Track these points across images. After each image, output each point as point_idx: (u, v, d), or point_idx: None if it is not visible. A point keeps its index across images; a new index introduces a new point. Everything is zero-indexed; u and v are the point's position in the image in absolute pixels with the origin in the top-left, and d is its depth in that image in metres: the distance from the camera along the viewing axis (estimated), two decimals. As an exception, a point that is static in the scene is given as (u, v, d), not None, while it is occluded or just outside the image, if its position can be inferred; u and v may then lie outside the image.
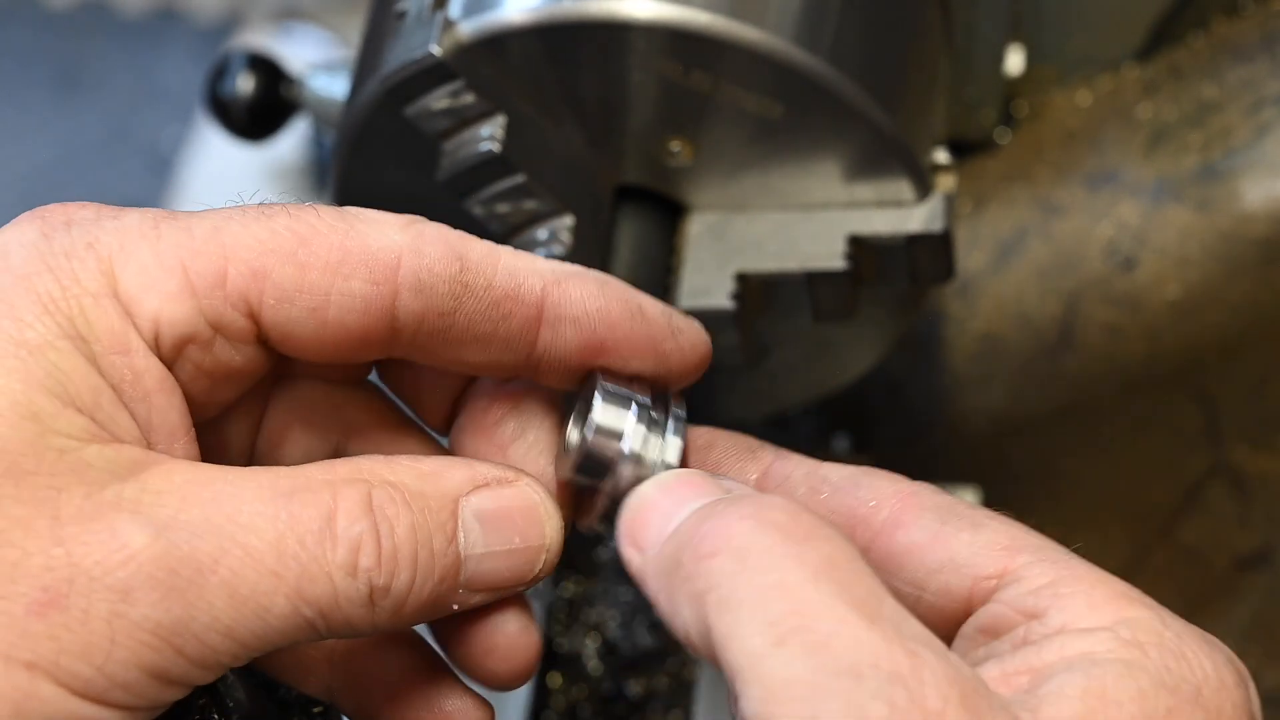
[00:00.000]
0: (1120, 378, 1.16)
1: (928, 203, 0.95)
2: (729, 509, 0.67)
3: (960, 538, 0.72)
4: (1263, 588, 1.23)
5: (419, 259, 0.74)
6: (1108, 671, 0.65)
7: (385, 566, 0.71)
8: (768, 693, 0.63)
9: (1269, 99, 1.13)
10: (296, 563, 0.69)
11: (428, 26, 0.92)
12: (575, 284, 0.75)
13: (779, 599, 0.64)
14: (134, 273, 0.71)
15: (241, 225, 0.73)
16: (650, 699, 1.12)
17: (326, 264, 0.73)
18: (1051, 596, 0.69)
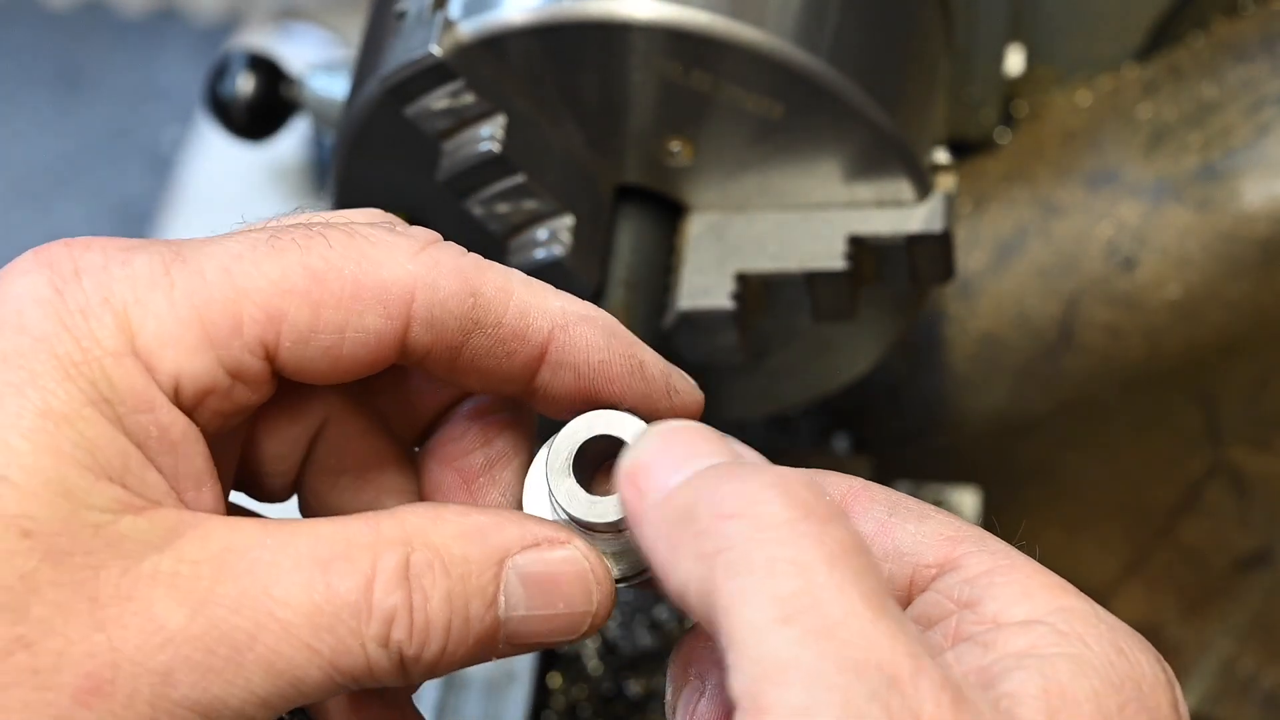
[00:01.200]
0: (1120, 378, 1.16)
1: (928, 203, 0.95)
2: (755, 474, 0.66)
3: (905, 528, 0.71)
4: (1263, 588, 1.23)
5: (433, 294, 0.73)
6: (1060, 669, 0.65)
7: (417, 639, 0.70)
8: (763, 672, 0.62)
9: (1269, 99, 1.13)
10: (332, 636, 0.69)
11: (428, 26, 0.92)
12: (582, 332, 0.75)
13: (792, 575, 0.63)
14: (152, 328, 0.70)
15: (253, 264, 0.71)
16: (650, 699, 1.12)
17: (340, 301, 0.72)
18: (986, 585, 0.68)
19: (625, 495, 0.68)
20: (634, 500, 0.68)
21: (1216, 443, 1.19)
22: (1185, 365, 1.15)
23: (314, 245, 0.72)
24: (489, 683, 1.08)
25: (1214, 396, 1.17)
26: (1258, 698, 1.24)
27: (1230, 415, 1.18)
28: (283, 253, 0.72)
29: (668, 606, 1.13)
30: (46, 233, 2.68)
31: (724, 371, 1.03)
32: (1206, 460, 1.20)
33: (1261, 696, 1.25)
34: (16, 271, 0.70)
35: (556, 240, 0.94)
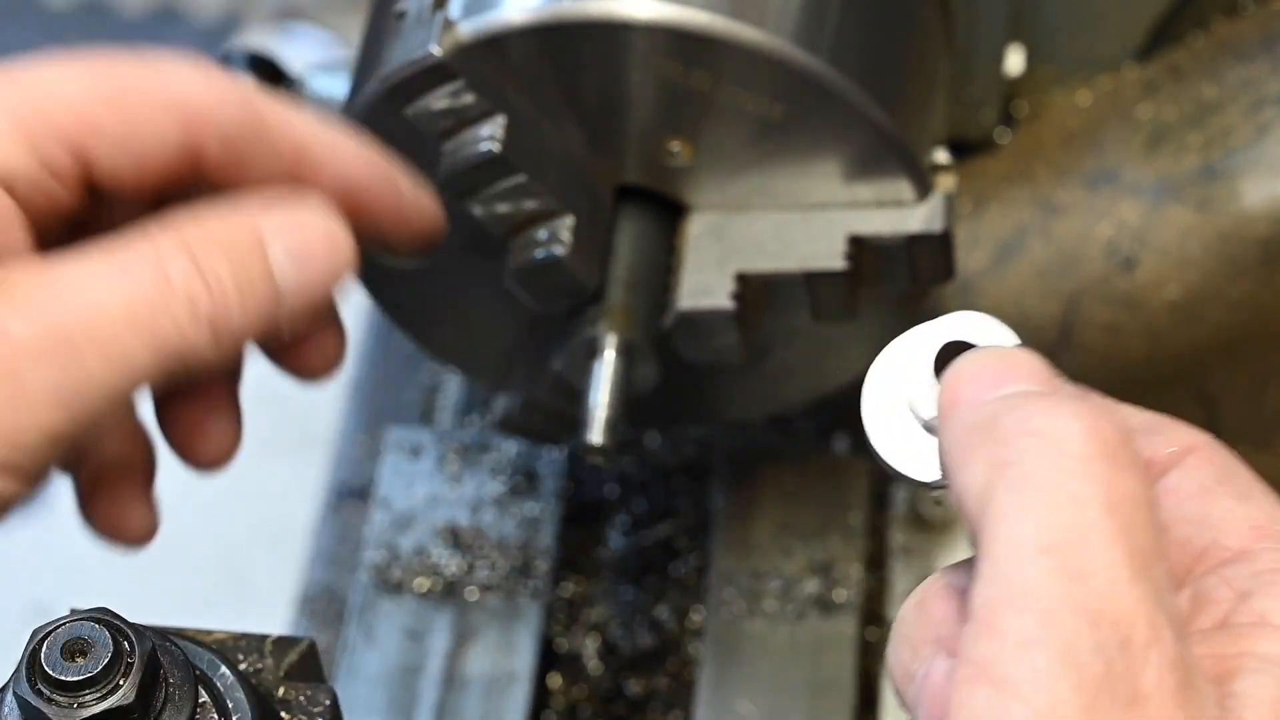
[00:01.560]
0: (1120, 378, 1.16)
1: (928, 203, 0.95)
2: (1070, 402, 0.65)
3: (1223, 502, 0.70)
4: (1263, 588, 1.22)
5: (223, 111, 0.84)
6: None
7: (220, 304, 0.81)
8: (1007, 593, 0.62)
9: (1269, 99, 1.13)
10: (148, 317, 0.80)
11: (428, 26, 0.92)
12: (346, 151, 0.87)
13: (1068, 509, 0.62)
14: None
15: (68, 75, 0.82)
16: (650, 699, 1.12)
17: (142, 109, 0.83)
18: (1268, 582, 0.67)
19: (942, 399, 0.68)
20: (948, 404, 0.68)
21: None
22: (1185, 365, 1.15)
23: (119, 66, 0.84)
24: (489, 683, 1.08)
25: (1214, 396, 1.17)
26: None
27: (1230, 415, 1.18)
28: (92, 65, 0.83)
29: (668, 607, 1.13)
30: (46, 233, 2.67)
31: (724, 371, 1.03)
32: (1206, 460, 1.20)
33: (1261, 696, 1.25)
34: None
35: (556, 240, 0.94)
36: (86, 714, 0.73)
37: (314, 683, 0.82)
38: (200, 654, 0.79)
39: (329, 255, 0.84)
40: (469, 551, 1.13)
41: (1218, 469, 0.71)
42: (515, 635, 1.10)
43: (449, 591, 1.12)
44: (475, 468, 1.16)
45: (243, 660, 0.81)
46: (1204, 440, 0.73)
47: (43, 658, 0.74)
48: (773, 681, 1.07)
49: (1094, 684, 0.60)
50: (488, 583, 1.12)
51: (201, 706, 0.76)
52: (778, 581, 1.10)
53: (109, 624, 0.74)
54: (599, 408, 0.96)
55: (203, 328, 0.81)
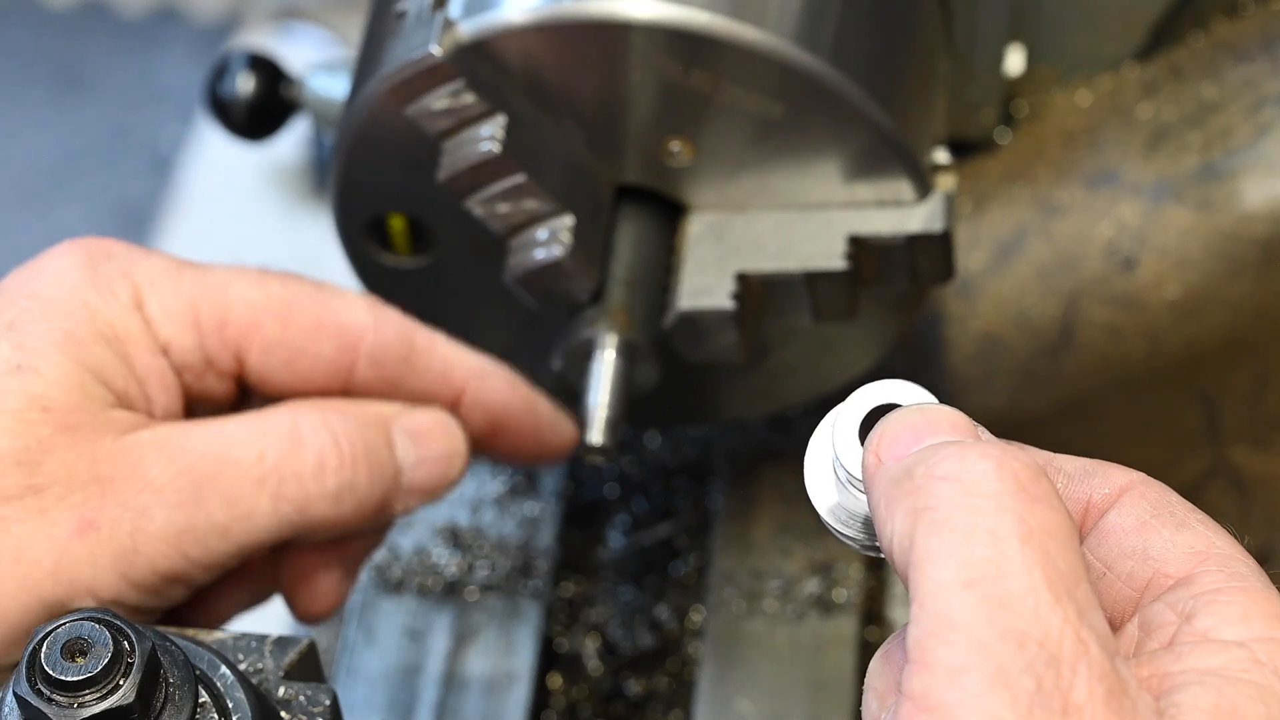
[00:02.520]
0: (1120, 378, 1.16)
1: (928, 203, 0.96)
2: (977, 446, 0.69)
3: (1161, 533, 0.72)
4: (1263, 588, 1.22)
5: (378, 337, 0.93)
6: (1239, 692, 0.66)
7: (347, 467, 0.90)
8: (936, 628, 0.65)
9: (1269, 99, 1.13)
10: (275, 471, 0.88)
11: (428, 26, 0.92)
12: (490, 381, 0.96)
13: (985, 544, 0.65)
14: (157, 303, 0.90)
15: (245, 285, 0.92)
16: (650, 699, 1.12)
17: (305, 328, 0.92)
18: (1209, 602, 0.69)
19: (866, 462, 0.72)
20: (871, 465, 0.72)
21: (1216, 443, 1.19)
22: (1185, 365, 1.15)
23: (292, 285, 0.93)
24: (489, 683, 1.08)
25: (1214, 396, 1.17)
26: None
27: (1230, 415, 1.18)
28: (267, 284, 0.92)
29: (668, 607, 1.13)
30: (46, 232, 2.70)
31: (724, 371, 1.03)
32: (1206, 460, 1.20)
33: (1261, 696, 1.25)
34: (58, 251, 0.91)
35: (556, 240, 0.94)
36: (86, 714, 0.73)
37: (314, 683, 0.82)
38: (200, 654, 0.79)
39: (445, 442, 0.94)
40: (469, 551, 1.13)
41: (1153, 503, 0.74)
42: (515, 635, 1.10)
43: (449, 591, 1.12)
44: (475, 468, 1.16)
45: (243, 660, 0.81)
46: (1138, 478, 0.75)
47: (43, 658, 0.74)
48: (773, 681, 1.07)
49: (1027, 701, 0.63)
50: (488, 583, 1.12)
51: (201, 706, 0.76)
52: (778, 581, 1.10)
53: (109, 624, 0.74)
54: (599, 408, 0.96)
55: (327, 486, 0.89)
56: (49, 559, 0.85)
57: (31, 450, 0.85)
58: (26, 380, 0.86)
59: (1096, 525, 0.74)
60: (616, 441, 0.96)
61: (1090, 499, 0.74)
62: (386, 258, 1.02)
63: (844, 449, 0.75)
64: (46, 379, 0.86)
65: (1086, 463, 0.76)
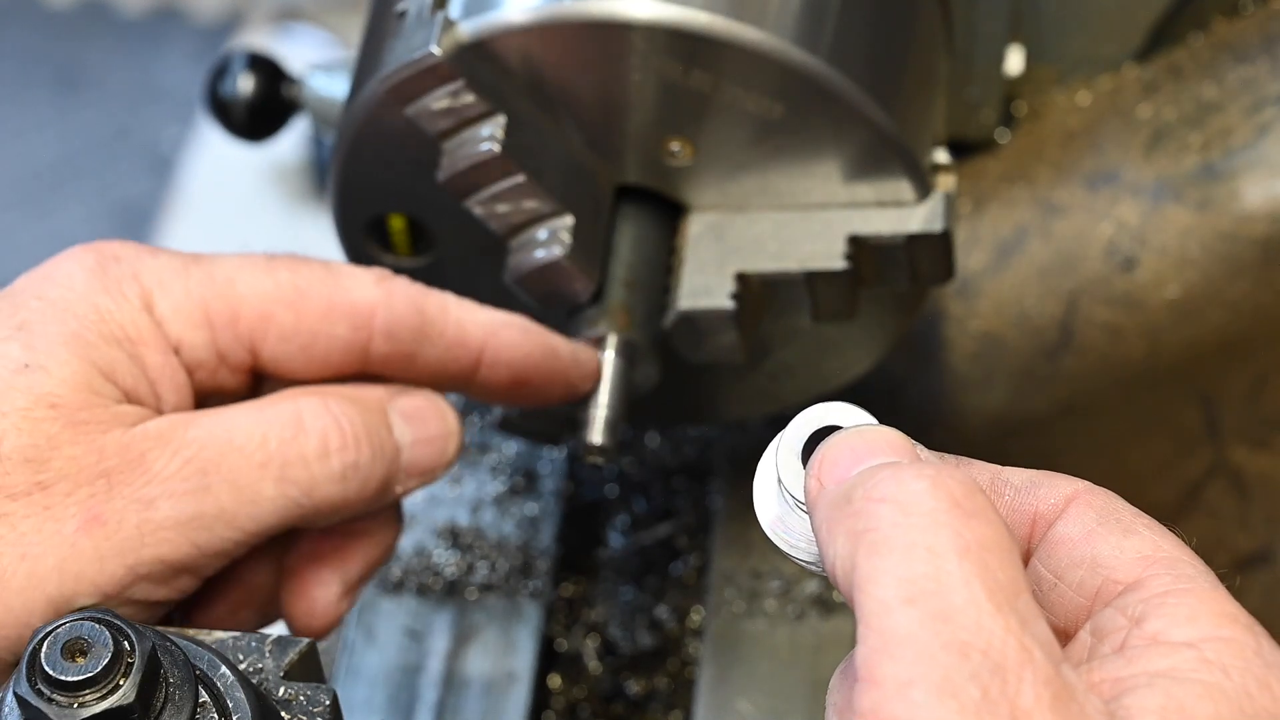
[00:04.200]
0: (1120, 378, 1.16)
1: (928, 203, 0.96)
2: (914, 467, 0.70)
3: (1108, 540, 0.73)
4: (1263, 588, 1.23)
5: (389, 311, 0.92)
6: (1187, 692, 0.67)
7: (350, 448, 0.90)
8: (882, 644, 0.66)
9: (1269, 99, 1.13)
10: (279, 454, 0.88)
11: (428, 26, 0.92)
12: (506, 335, 0.94)
13: (925, 560, 0.67)
14: (166, 304, 0.90)
15: (253, 276, 0.92)
16: (650, 699, 1.12)
17: (318, 312, 0.91)
18: (1157, 605, 0.70)
19: (808, 486, 0.74)
20: (813, 490, 0.73)
21: (1216, 443, 1.19)
22: (1185, 365, 1.15)
23: (300, 269, 0.92)
24: (489, 683, 1.08)
25: (1214, 396, 1.17)
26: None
27: (1230, 415, 1.18)
28: (275, 272, 0.92)
29: (668, 607, 1.13)
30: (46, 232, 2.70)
31: (724, 371, 1.03)
32: (1206, 460, 1.20)
33: (1261, 696, 1.25)
34: (67, 254, 0.91)
35: (556, 240, 0.94)
36: (86, 714, 0.73)
37: (314, 683, 0.82)
38: (200, 654, 0.79)
39: (438, 423, 0.94)
40: (469, 551, 1.13)
41: (1099, 511, 0.75)
42: (515, 635, 1.10)
43: (449, 591, 1.12)
44: (475, 468, 1.16)
45: (243, 660, 0.81)
46: (1083, 486, 0.76)
47: (43, 657, 0.74)
48: (773, 681, 1.07)
49: (974, 708, 0.64)
50: (488, 583, 1.12)
51: (201, 706, 0.76)
52: (778, 581, 1.10)
53: (109, 624, 0.74)
54: (599, 408, 0.96)
55: (331, 468, 0.89)
56: (54, 555, 0.85)
57: (39, 447, 0.86)
58: (35, 379, 0.86)
59: (1045, 536, 0.75)
60: (616, 442, 0.96)
61: (1037, 510, 0.75)
62: (386, 258, 1.02)
63: (787, 472, 0.77)
64: (55, 377, 0.87)
65: (1032, 474, 0.77)
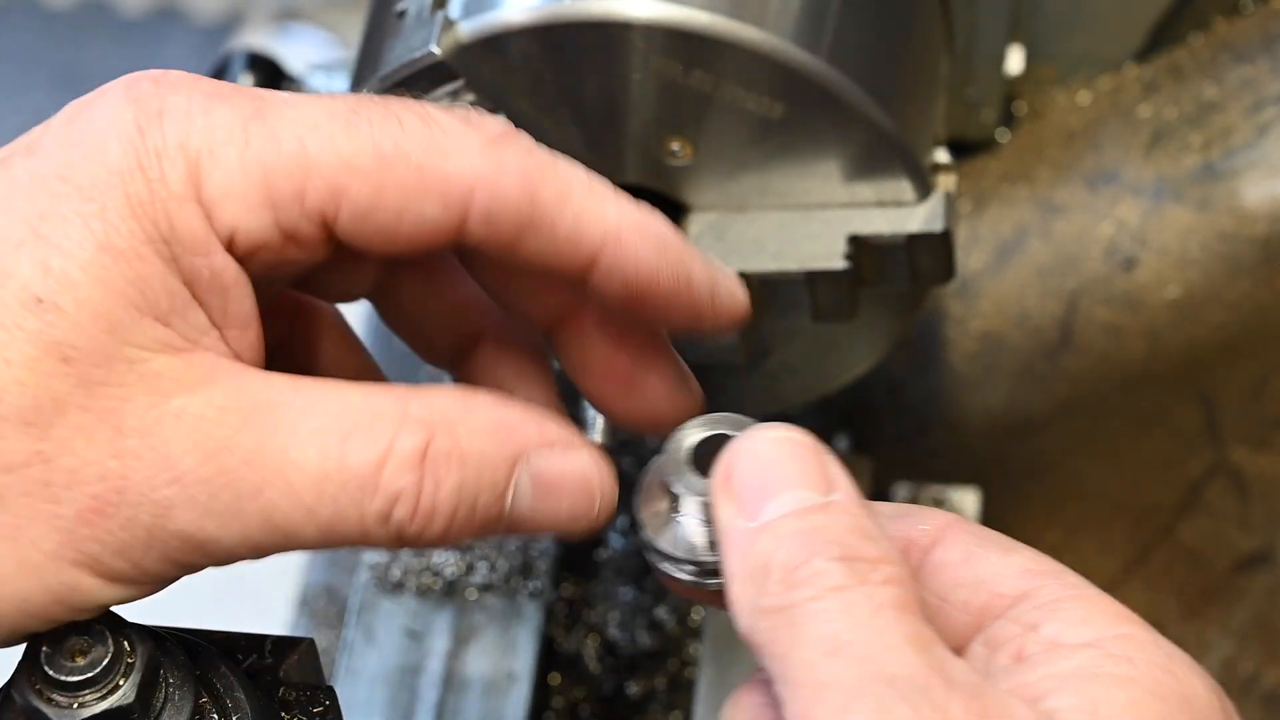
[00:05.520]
0: (1120, 378, 1.16)
1: (928, 202, 0.96)
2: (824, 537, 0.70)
3: (989, 559, 0.74)
4: (1263, 588, 1.23)
5: (492, 192, 0.75)
6: (1100, 686, 0.68)
7: (419, 521, 0.74)
8: (811, 693, 0.67)
9: (1269, 99, 1.13)
10: (334, 505, 0.73)
11: (428, 26, 0.92)
12: (633, 242, 0.77)
13: (840, 619, 0.68)
14: (219, 179, 0.73)
15: (327, 137, 0.74)
16: (650, 699, 1.12)
17: (402, 186, 0.74)
18: (1051, 610, 0.72)
19: (716, 502, 0.73)
20: (723, 512, 0.72)
21: (1216, 443, 1.19)
22: (1185, 365, 1.15)
23: (387, 128, 0.75)
24: (489, 683, 1.08)
25: (1214, 396, 1.17)
26: (1258, 698, 1.24)
27: (1230, 415, 1.18)
28: (356, 130, 0.74)
29: (668, 607, 1.13)
30: (46, 233, 2.67)
31: (724, 371, 1.03)
32: (1206, 460, 1.20)
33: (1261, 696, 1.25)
34: (105, 101, 0.75)
35: (556, 240, 0.94)
36: (86, 714, 0.73)
37: (314, 683, 0.82)
38: (200, 654, 0.79)
39: (575, 504, 0.77)
40: (469, 551, 1.13)
41: (975, 536, 0.76)
42: (515, 635, 1.10)
43: (449, 591, 1.12)
44: (475, 468, 1.16)
45: (243, 660, 0.81)
46: (954, 518, 0.77)
47: (43, 658, 0.73)
48: (773, 681, 1.07)
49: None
50: (488, 583, 1.12)
51: (201, 706, 0.76)
52: (778, 581, 1.10)
53: (109, 624, 0.74)
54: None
55: (388, 532, 0.74)
56: (51, 540, 0.72)
57: (44, 409, 0.71)
58: (47, 319, 0.71)
59: (922, 563, 0.75)
60: (616, 442, 0.96)
61: (909, 538, 0.76)
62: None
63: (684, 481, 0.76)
64: (71, 319, 0.71)
65: (901, 506, 0.78)
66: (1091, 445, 1.20)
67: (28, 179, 0.73)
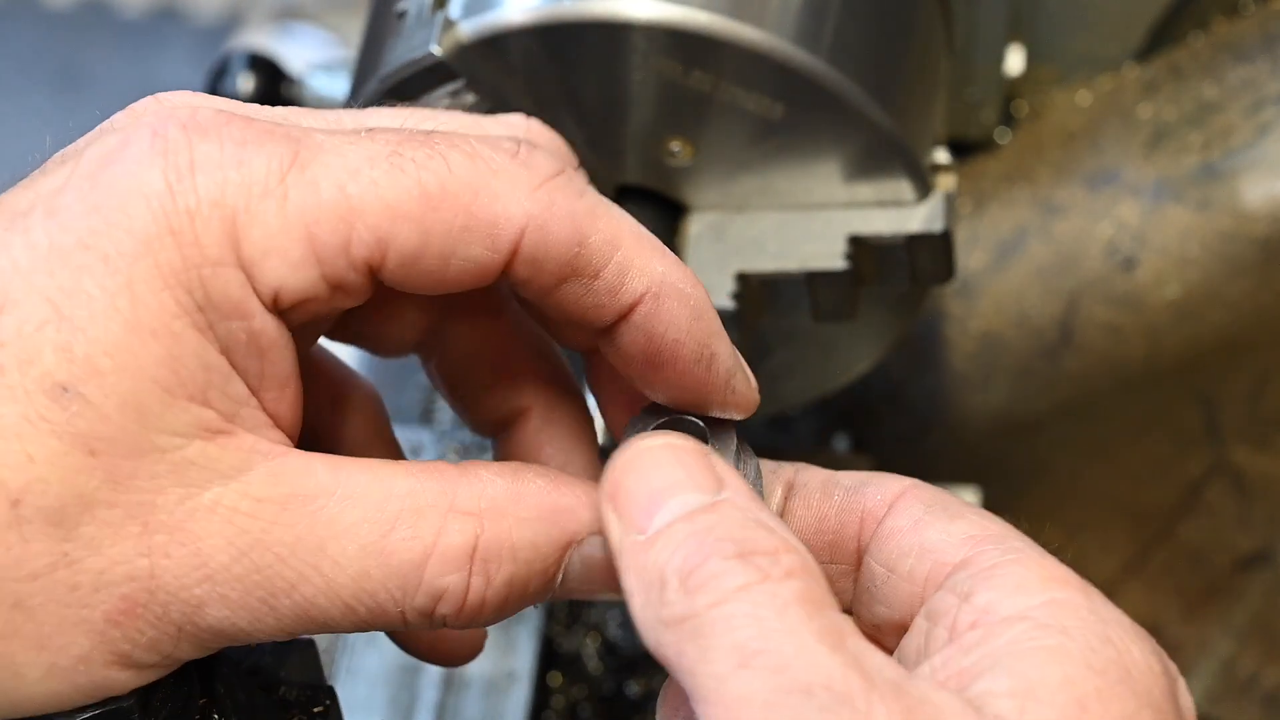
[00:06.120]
0: (1120, 378, 1.16)
1: (928, 203, 0.95)
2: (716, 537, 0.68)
3: (935, 526, 0.73)
4: (1263, 588, 1.23)
5: (542, 235, 0.72)
6: (1032, 663, 0.66)
7: (466, 616, 0.72)
8: (725, 711, 0.64)
9: (1269, 99, 1.13)
10: (374, 601, 0.70)
11: (428, 26, 0.92)
12: (670, 306, 0.75)
13: (748, 626, 0.65)
14: (258, 238, 0.69)
15: (371, 183, 0.70)
16: (650, 699, 1.12)
17: (450, 230, 0.71)
18: (985, 578, 0.70)
19: (605, 518, 0.70)
20: (614, 531, 0.69)
21: (1216, 443, 1.19)
22: (1185, 365, 1.15)
23: (433, 167, 0.71)
24: (489, 683, 1.08)
25: (1214, 396, 1.17)
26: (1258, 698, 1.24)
27: (1230, 415, 1.18)
28: (400, 172, 0.71)
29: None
30: (46, 233, 2.67)
31: (724, 371, 1.03)
32: (1206, 460, 1.20)
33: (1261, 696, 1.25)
34: (131, 153, 0.69)
35: (556, 240, 0.94)
36: (86, 715, 0.73)
37: (314, 683, 0.82)
38: (200, 654, 0.79)
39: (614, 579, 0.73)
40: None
41: (925, 502, 0.75)
42: (515, 635, 1.10)
43: (449, 591, 1.12)
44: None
45: (243, 660, 0.81)
46: (910, 483, 0.76)
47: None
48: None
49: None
50: (488, 583, 1.12)
51: (201, 706, 0.76)
52: (778, 581, 1.10)
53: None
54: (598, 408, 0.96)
55: (432, 624, 0.71)
56: (81, 645, 0.68)
57: (69, 509, 0.67)
58: (73, 411, 0.66)
59: (875, 532, 0.75)
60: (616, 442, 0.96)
61: (865, 508, 0.76)
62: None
63: None
64: (98, 409, 0.67)
65: (862, 475, 0.77)
66: (1091, 445, 1.20)
67: (48, 247, 0.68)
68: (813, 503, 0.78)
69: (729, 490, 0.70)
